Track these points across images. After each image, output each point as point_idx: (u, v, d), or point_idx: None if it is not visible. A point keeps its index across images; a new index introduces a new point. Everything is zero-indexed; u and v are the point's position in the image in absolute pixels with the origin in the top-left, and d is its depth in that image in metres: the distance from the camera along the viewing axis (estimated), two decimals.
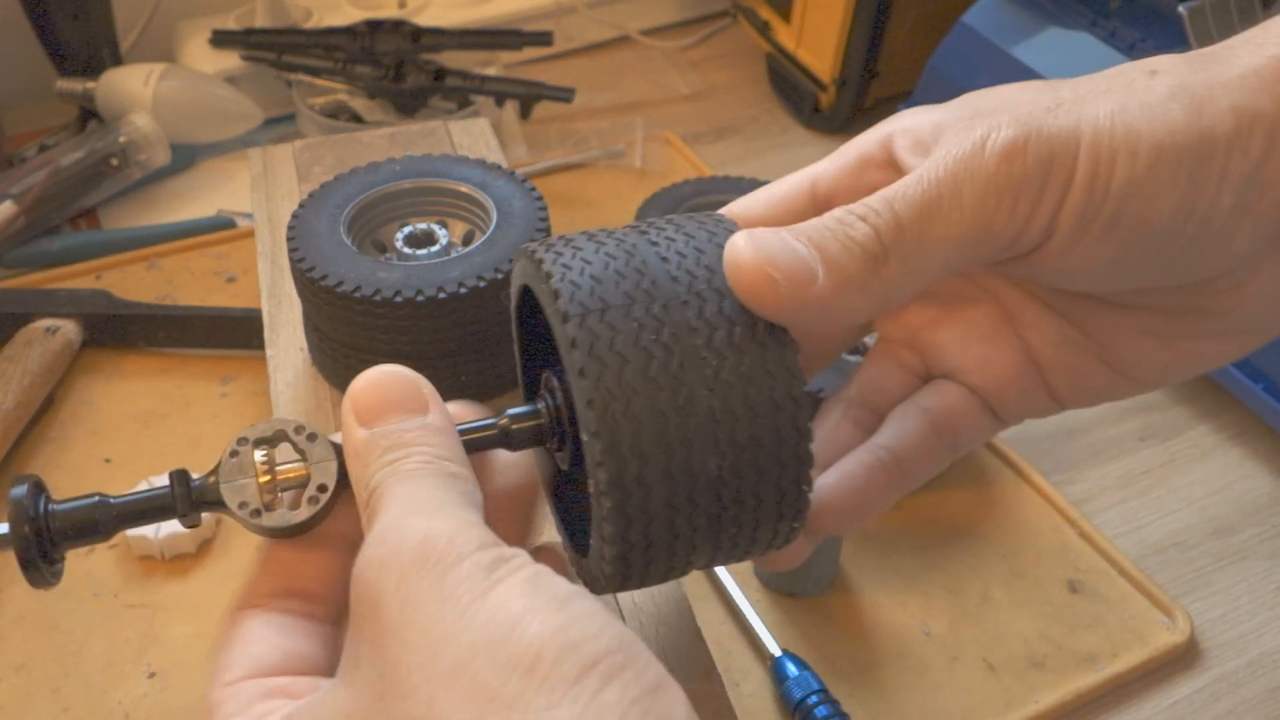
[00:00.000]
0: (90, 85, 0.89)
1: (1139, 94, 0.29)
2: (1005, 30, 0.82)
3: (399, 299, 0.51)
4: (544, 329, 0.34)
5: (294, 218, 0.55)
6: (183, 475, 0.30)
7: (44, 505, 0.29)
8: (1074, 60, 0.78)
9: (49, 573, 0.29)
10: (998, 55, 0.81)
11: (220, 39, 0.94)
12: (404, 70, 0.89)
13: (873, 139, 0.34)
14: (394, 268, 0.52)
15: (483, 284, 0.52)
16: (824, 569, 0.59)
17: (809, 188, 0.35)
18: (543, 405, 0.33)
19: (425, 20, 0.97)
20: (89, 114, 0.91)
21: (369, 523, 0.27)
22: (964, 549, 0.62)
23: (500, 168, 0.59)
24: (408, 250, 0.56)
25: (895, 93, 0.98)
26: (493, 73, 0.96)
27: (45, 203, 0.80)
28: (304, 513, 0.30)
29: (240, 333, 0.70)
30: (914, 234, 0.29)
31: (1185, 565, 0.62)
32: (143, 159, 0.85)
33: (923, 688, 0.55)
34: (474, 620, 0.23)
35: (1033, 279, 0.34)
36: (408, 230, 0.57)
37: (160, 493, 0.30)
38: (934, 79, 0.87)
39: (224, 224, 0.84)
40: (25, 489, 0.29)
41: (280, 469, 0.30)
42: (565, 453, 0.33)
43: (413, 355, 0.53)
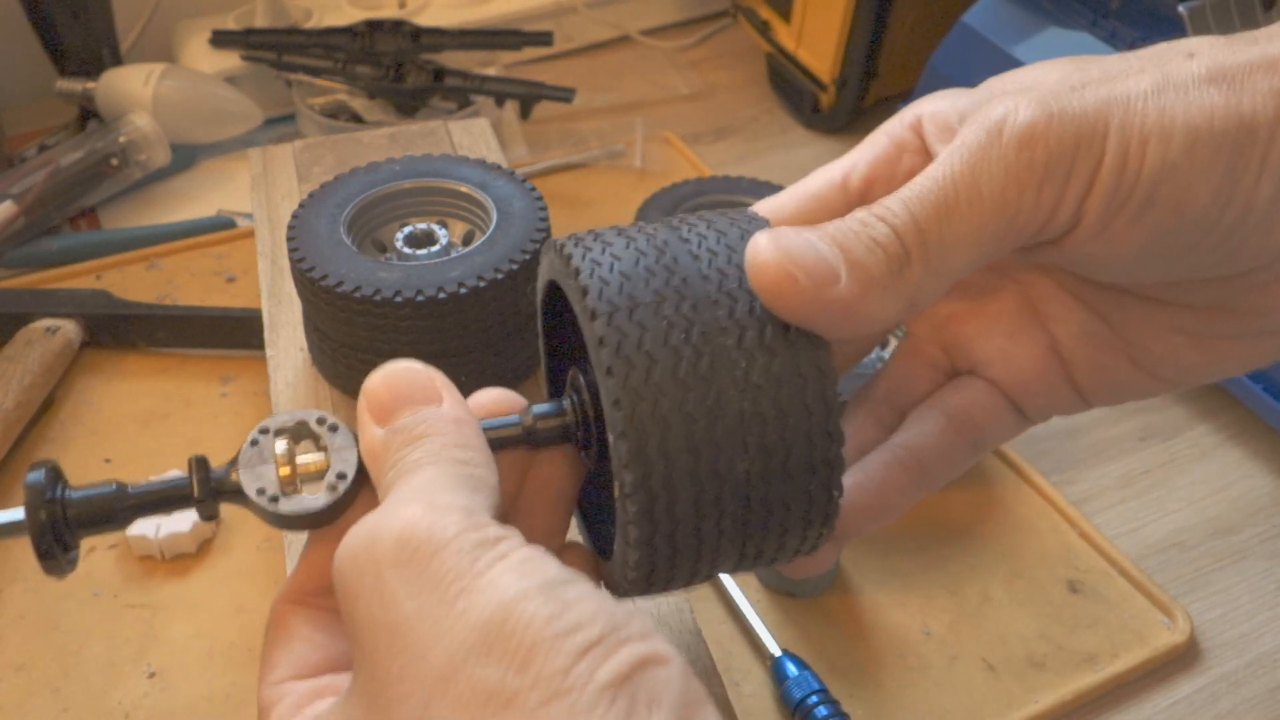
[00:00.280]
0: (90, 85, 0.89)
1: (1174, 75, 0.28)
2: (1005, 30, 0.82)
3: (399, 299, 0.51)
4: (570, 324, 0.34)
5: (294, 218, 0.55)
6: (202, 462, 0.30)
7: (61, 491, 0.29)
8: None
9: (64, 560, 0.29)
10: (998, 55, 0.81)
11: (220, 39, 0.94)
12: (404, 70, 0.89)
13: (903, 123, 0.33)
14: (394, 268, 0.52)
15: (483, 284, 0.52)
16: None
17: (841, 181, 0.33)
18: (568, 403, 0.32)
19: (425, 20, 0.97)
20: (89, 114, 0.91)
21: None
22: (964, 549, 0.62)
23: (500, 168, 0.59)
24: (408, 250, 0.56)
25: (895, 93, 0.98)
26: (493, 73, 0.95)
27: (45, 203, 0.80)
28: (322, 500, 0.29)
29: (240, 333, 0.70)
30: (934, 235, 0.28)
31: (1185, 565, 0.62)
32: (143, 159, 0.85)
33: (923, 688, 0.55)
34: (462, 616, 0.23)
35: (1062, 265, 0.33)
36: (408, 230, 0.57)
37: (179, 481, 0.30)
38: (934, 79, 0.87)
39: (224, 224, 0.84)
40: (42, 474, 0.29)
41: (301, 459, 0.30)
42: (591, 452, 0.32)
43: (413, 355, 0.52)
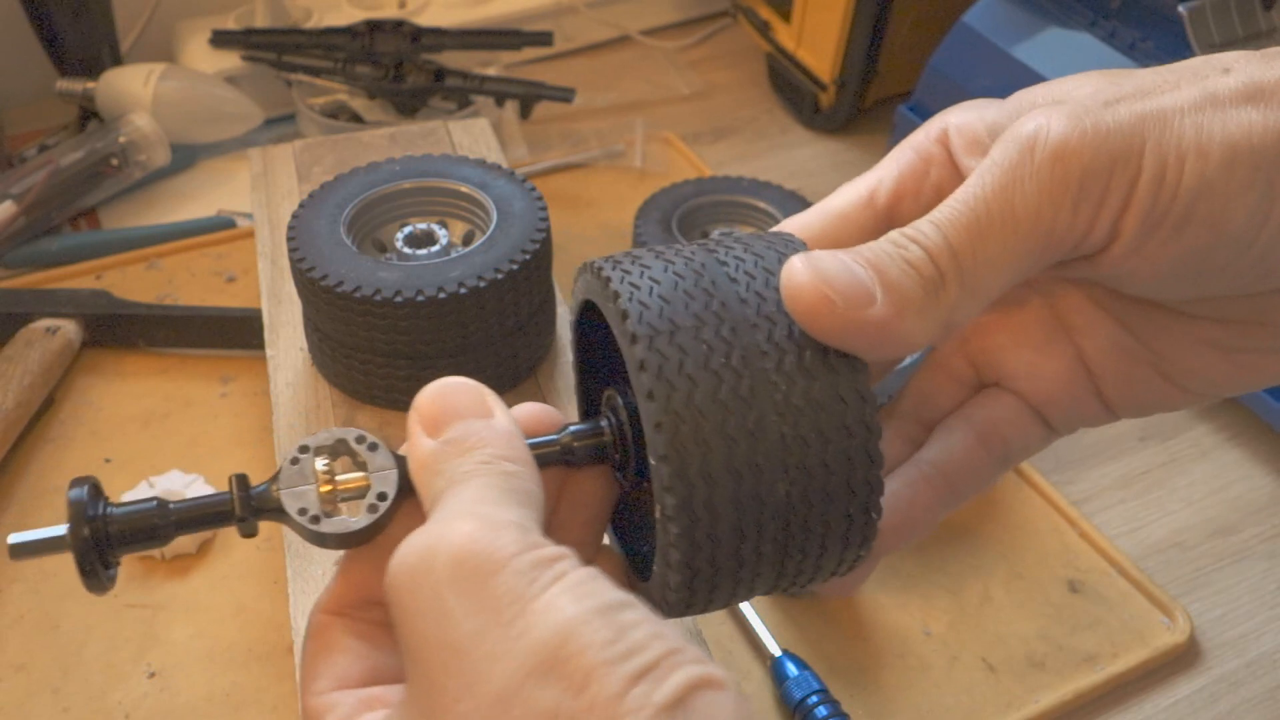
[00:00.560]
0: (90, 85, 0.89)
1: (1210, 91, 0.28)
2: (1005, 30, 0.82)
3: (399, 299, 0.51)
4: (604, 344, 0.34)
5: (294, 218, 0.55)
6: (243, 480, 0.30)
7: (103, 509, 0.29)
8: (1074, 60, 0.78)
9: (105, 577, 0.29)
10: (998, 55, 0.81)
11: (220, 39, 0.94)
12: (404, 70, 0.89)
13: (929, 136, 0.33)
14: (394, 268, 0.52)
15: (483, 284, 0.52)
16: None
17: (867, 198, 0.33)
18: (606, 424, 0.32)
19: (425, 20, 0.97)
20: (89, 114, 0.91)
21: None
22: (964, 549, 0.62)
23: (500, 168, 0.59)
24: (408, 250, 0.56)
25: (895, 93, 0.98)
26: (493, 73, 0.95)
27: (45, 203, 0.80)
28: (363, 520, 0.29)
29: (240, 333, 0.70)
30: (968, 255, 0.28)
31: (1185, 565, 0.62)
32: (143, 159, 0.85)
33: (923, 688, 0.55)
34: (520, 638, 0.23)
35: (1095, 281, 0.33)
36: (408, 230, 0.57)
37: (219, 498, 0.30)
38: (934, 79, 0.87)
39: (224, 224, 0.84)
40: (85, 491, 0.29)
41: (341, 478, 0.30)
42: (627, 473, 0.33)
43: (413, 355, 0.53)
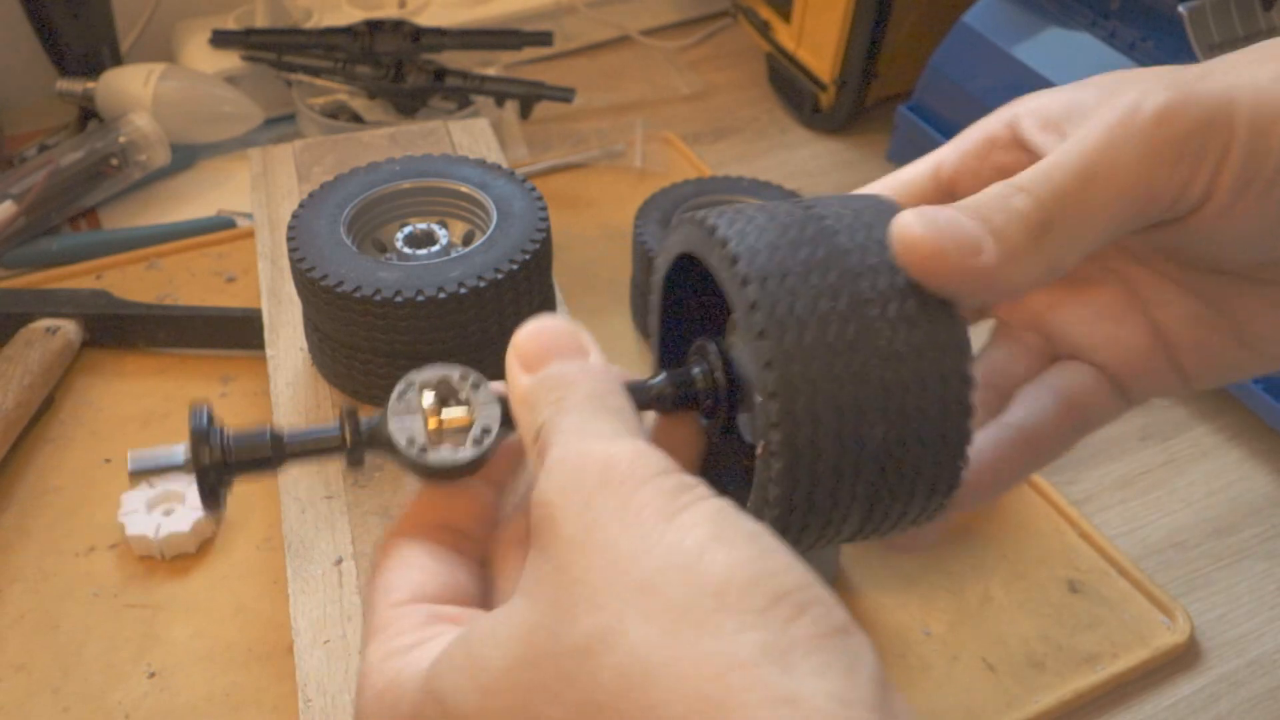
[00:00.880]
0: (90, 85, 0.89)
1: None
2: (1005, 30, 0.82)
3: (399, 299, 0.51)
4: (695, 297, 0.35)
5: (294, 218, 0.55)
6: (352, 412, 0.31)
7: (222, 435, 0.30)
8: (1074, 60, 0.78)
9: (221, 499, 0.31)
10: (998, 55, 0.81)
11: (220, 39, 0.94)
12: (404, 70, 0.89)
13: (998, 120, 0.35)
14: (394, 268, 0.52)
15: (483, 284, 0.52)
16: (824, 569, 0.59)
17: (933, 172, 0.35)
18: (698, 370, 0.33)
19: (425, 20, 0.97)
20: (89, 114, 0.91)
21: (540, 458, 0.28)
22: (964, 549, 0.62)
23: (500, 168, 0.59)
24: (408, 250, 0.56)
25: (895, 93, 0.98)
26: (493, 73, 0.95)
27: (45, 203, 0.80)
28: (469, 452, 0.30)
29: (240, 333, 0.70)
30: (1075, 200, 0.29)
31: (1185, 565, 0.62)
32: (143, 159, 0.85)
33: (923, 688, 0.55)
34: (660, 542, 0.24)
35: (1182, 247, 0.34)
36: (408, 230, 0.57)
37: (329, 429, 0.31)
38: (934, 79, 0.87)
39: (224, 224, 0.84)
40: (204, 416, 0.30)
41: (446, 412, 0.31)
42: (716, 421, 0.34)
43: (413, 355, 0.53)
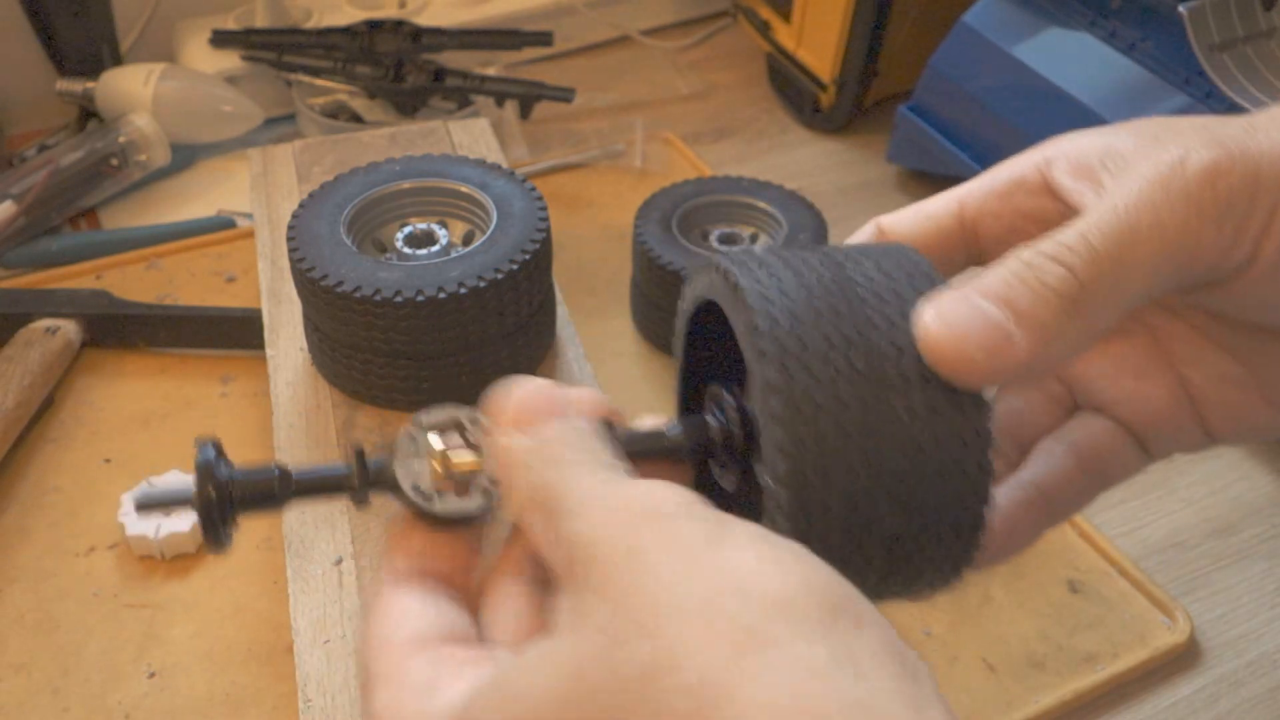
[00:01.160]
0: (90, 85, 0.89)
1: None
2: (1005, 30, 0.82)
3: (399, 299, 0.51)
4: (714, 339, 0.34)
5: (294, 218, 0.55)
6: (361, 454, 0.30)
7: (227, 472, 0.30)
8: (1074, 60, 0.78)
9: (224, 536, 0.30)
10: (998, 55, 0.81)
11: (220, 39, 0.94)
12: (404, 70, 0.89)
13: (1028, 162, 0.33)
14: (394, 268, 0.52)
15: (483, 284, 0.52)
16: None
17: (957, 208, 0.34)
18: (713, 421, 0.32)
19: (425, 20, 0.97)
20: (89, 114, 0.91)
21: (548, 513, 0.27)
22: None
23: (500, 168, 0.59)
24: (408, 250, 0.56)
25: (895, 93, 0.98)
26: (493, 73, 0.96)
27: (45, 203, 0.80)
28: (476, 501, 0.29)
29: (240, 333, 0.70)
30: (1112, 262, 0.28)
31: (1185, 565, 0.62)
32: (143, 159, 0.85)
33: None
34: (710, 565, 0.23)
35: (1223, 309, 0.33)
36: (408, 230, 0.57)
37: (337, 469, 0.30)
38: (934, 79, 0.87)
39: (224, 224, 0.84)
40: (211, 452, 0.30)
41: (454, 457, 0.30)
42: (730, 474, 0.32)
43: (413, 355, 0.53)
